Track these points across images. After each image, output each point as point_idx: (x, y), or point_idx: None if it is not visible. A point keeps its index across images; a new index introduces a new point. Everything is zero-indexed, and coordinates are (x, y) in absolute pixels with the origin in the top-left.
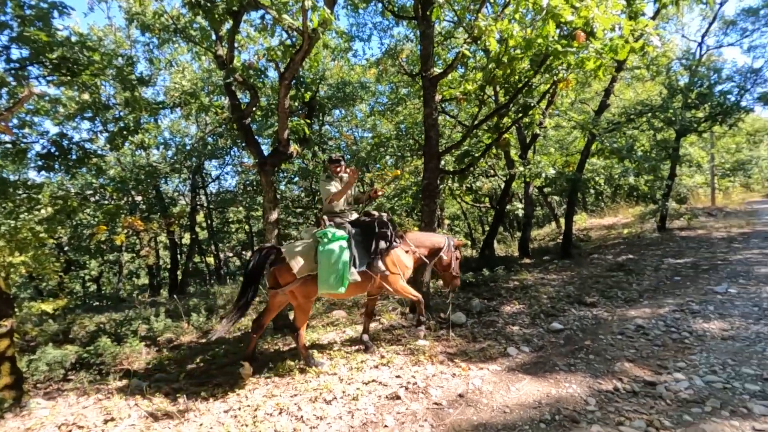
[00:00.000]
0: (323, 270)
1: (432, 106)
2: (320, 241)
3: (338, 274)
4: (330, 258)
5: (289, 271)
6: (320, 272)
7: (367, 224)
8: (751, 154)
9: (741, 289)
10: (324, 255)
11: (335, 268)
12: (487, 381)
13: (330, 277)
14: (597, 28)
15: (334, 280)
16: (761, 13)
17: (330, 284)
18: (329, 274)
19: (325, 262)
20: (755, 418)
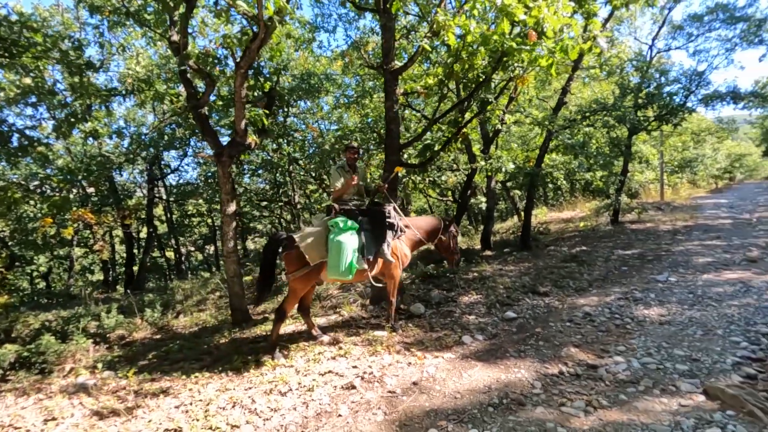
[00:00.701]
0: (333, 257)
1: (393, 99)
2: (331, 230)
3: (348, 262)
4: (341, 247)
5: (300, 258)
6: (330, 259)
7: (375, 214)
8: (697, 152)
9: (680, 277)
10: (335, 243)
11: (345, 257)
12: (441, 369)
13: (340, 265)
14: (547, 28)
15: (344, 267)
16: (705, 19)
17: (340, 271)
18: (340, 262)
19: (335, 250)
20: (682, 395)
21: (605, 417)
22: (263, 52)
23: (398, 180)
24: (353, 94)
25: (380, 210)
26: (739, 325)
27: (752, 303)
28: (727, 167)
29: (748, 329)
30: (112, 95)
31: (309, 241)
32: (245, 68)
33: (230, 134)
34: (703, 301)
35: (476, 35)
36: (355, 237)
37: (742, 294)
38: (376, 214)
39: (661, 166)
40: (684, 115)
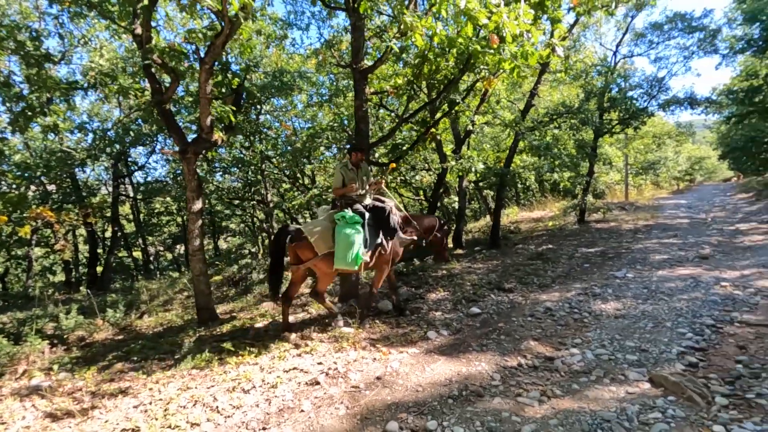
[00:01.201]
0: (340, 249)
1: (362, 99)
2: (338, 223)
3: (355, 253)
4: (347, 239)
5: (310, 249)
6: (338, 250)
7: (378, 210)
8: (659, 155)
9: (637, 273)
10: (341, 236)
11: (351, 248)
12: (405, 363)
13: (346, 256)
14: (506, 34)
15: (350, 258)
16: (665, 28)
17: (347, 262)
18: (346, 253)
19: (342, 242)
20: (629, 383)
21: (557, 405)
22: (232, 48)
23: None
24: (327, 92)
25: (382, 206)
26: (687, 317)
27: (700, 297)
28: (687, 169)
29: (694, 321)
30: (72, 88)
31: (317, 233)
32: (210, 64)
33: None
34: (656, 296)
35: (443, 37)
36: (360, 229)
37: (692, 289)
38: (377, 209)
39: (626, 167)
40: (645, 119)
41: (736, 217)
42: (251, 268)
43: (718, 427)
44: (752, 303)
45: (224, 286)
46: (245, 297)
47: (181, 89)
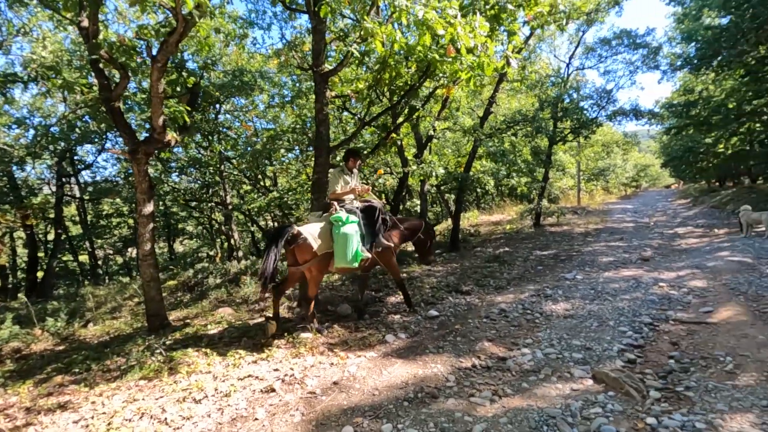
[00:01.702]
0: (340, 248)
1: (323, 102)
2: (335, 224)
3: (354, 251)
4: (346, 239)
5: (309, 250)
6: (337, 250)
7: (369, 209)
8: (609, 162)
9: (586, 275)
10: (341, 236)
11: (351, 247)
12: (362, 367)
13: (347, 255)
14: (461, 46)
15: (350, 256)
16: (613, 43)
17: (348, 260)
18: (347, 252)
19: (341, 242)
20: (574, 381)
21: (508, 404)
22: (189, 46)
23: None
24: (289, 93)
25: (373, 206)
26: (628, 316)
27: (640, 297)
28: (634, 176)
29: (634, 320)
30: (10, 81)
31: (315, 234)
32: (163, 62)
33: (149, 130)
34: (601, 296)
35: (402, 45)
36: (357, 229)
37: (633, 289)
38: (370, 209)
39: (578, 174)
40: (595, 128)
41: (675, 221)
42: (208, 273)
43: (651, 419)
44: (685, 302)
45: (179, 292)
46: (200, 303)
47: (133, 86)
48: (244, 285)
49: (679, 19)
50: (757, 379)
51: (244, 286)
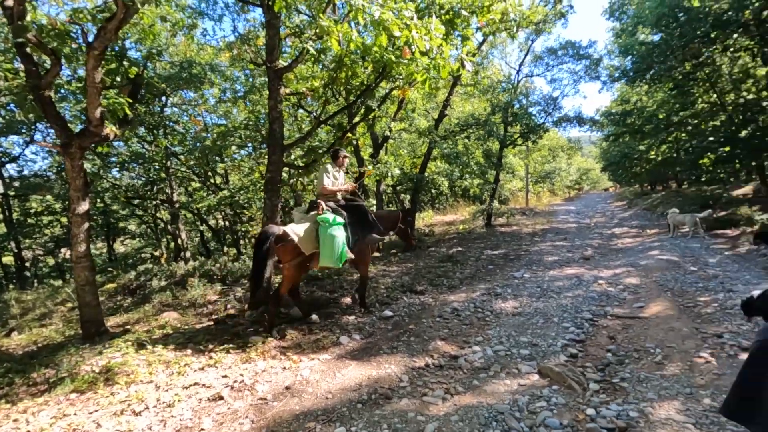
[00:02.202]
0: (326, 249)
1: (276, 99)
2: (321, 225)
3: (339, 252)
4: (333, 239)
5: (295, 249)
6: (323, 251)
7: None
8: (554, 166)
9: (533, 274)
10: (327, 237)
11: (337, 248)
12: (315, 370)
13: (333, 254)
14: (416, 49)
15: (336, 256)
16: (559, 53)
17: (333, 260)
18: (333, 252)
19: (328, 243)
20: (522, 376)
21: (459, 402)
22: (131, 33)
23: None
24: (242, 88)
25: (359, 205)
26: (570, 313)
27: (581, 294)
28: (577, 179)
29: (576, 316)
30: None
31: (302, 234)
32: (100, 50)
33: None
34: (547, 294)
35: (359, 44)
36: (342, 230)
37: (576, 287)
38: (356, 208)
39: (527, 176)
40: (542, 133)
41: (612, 222)
42: (152, 274)
43: (590, 410)
44: (621, 298)
45: (118, 295)
46: (143, 307)
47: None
48: (192, 287)
49: (618, 34)
50: (681, 369)
51: (192, 288)
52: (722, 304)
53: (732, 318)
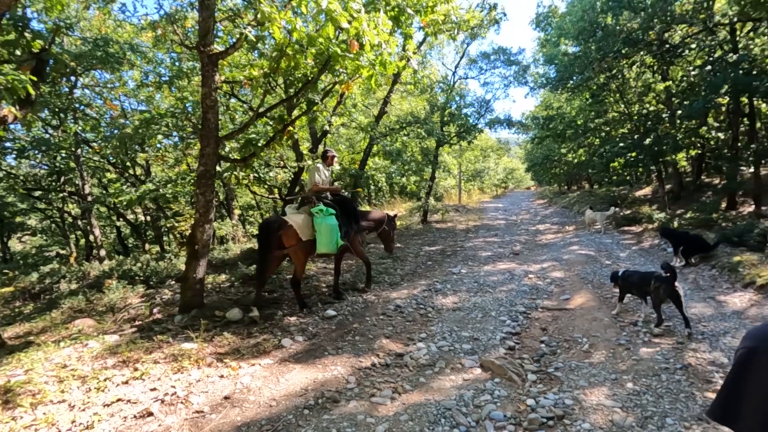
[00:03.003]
0: (322, 237)
1: (210, 86)
2: (315, 215)
3: (334, 239)
4: (328, 228)
5: (295, 236)
6: (319, 238)
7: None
8: (484, 165)
9: (469, 269)
10: (323, 226)
11: (332, 236)
12: (257, 377)
13: (328, 242)
14: (366, 42)
15: (332, 243)
16: (491, 58)
17: (328, 247)
18: (328, 240)
19: (324, 231)
20: (465, 371)
21: (407, 400)
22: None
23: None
24: (167, 72)
25: (348, 199)
26: (506, 306)
27: (515, 288)
28: (503, 178)
29: (511, 309)
30: None
31: (299, 223)
32: None
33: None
34: (483, 289)
35: (302, 34)
36: (335, 220)
37: (508, 281)
38: (345, 201)
39: (460, 174)
40: (476, 134)
41: (536, 219)
42: (59, 276)
43: (530, 400)
44: (549, 291)
45: (16, 301)
46: (49, 314)
47: None
48: (110, 290)
49: (543, 44)
50: (606, 356)
51: (110, 291)
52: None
53: (643, 307)
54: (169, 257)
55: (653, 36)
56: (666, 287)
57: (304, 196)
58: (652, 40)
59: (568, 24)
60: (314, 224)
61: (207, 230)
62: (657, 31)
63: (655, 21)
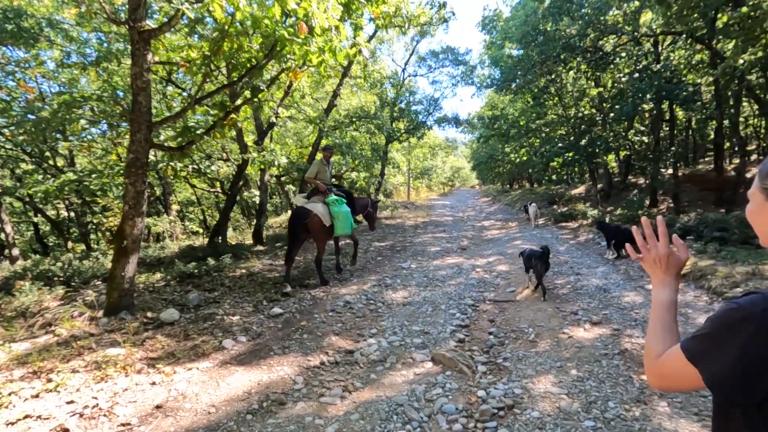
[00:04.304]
0: (340, 222)
1: (142, 66)
2: (332, 204)
3: (349, 223)
4: (345, 214)
5: (319, 223)
6: (337, 224)
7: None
8: (432, 163)
9: (419, 264)
10: (339, 213)
11: (347, 221)
12: (194, 382)
13: (346, 226)
14: (315, 24)
15: (347, 227)
16: (440, 57)
17: (345, 230)
18: (345, 223)
19: (341, 217)
20: (417, 365)
21: (358, 398)
22: None
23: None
24: (93, 52)
25: (346, 190)
26: (455, 300)
27: (463, 281)
28: (451, 176)
29: (460, 303)
30: None
31: (321, 212)
32: None
33: None
34: (433, 283)
35: (247, 14)
36: (346, 206)
37: (457, 275)
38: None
39: (408, 171)
40: (425, 131)
41: (482, 215)
42: None
43: (481, 392)
44: (495, 284)
45: None
46: None
47: None
48: (22, 293)
49: (488, 46)
50: (550, 345)
51: (22, 293)
52: (574, 286)
53: (582, 297)
54: (96, 256)
55: (588, 43)
56: (540, 263)
57: (314, 189)
58: (587, 47)
59: (512, 28)
60: (331, 212)
61: (138, 224)
62: (592, 38)
63: (590, 30)
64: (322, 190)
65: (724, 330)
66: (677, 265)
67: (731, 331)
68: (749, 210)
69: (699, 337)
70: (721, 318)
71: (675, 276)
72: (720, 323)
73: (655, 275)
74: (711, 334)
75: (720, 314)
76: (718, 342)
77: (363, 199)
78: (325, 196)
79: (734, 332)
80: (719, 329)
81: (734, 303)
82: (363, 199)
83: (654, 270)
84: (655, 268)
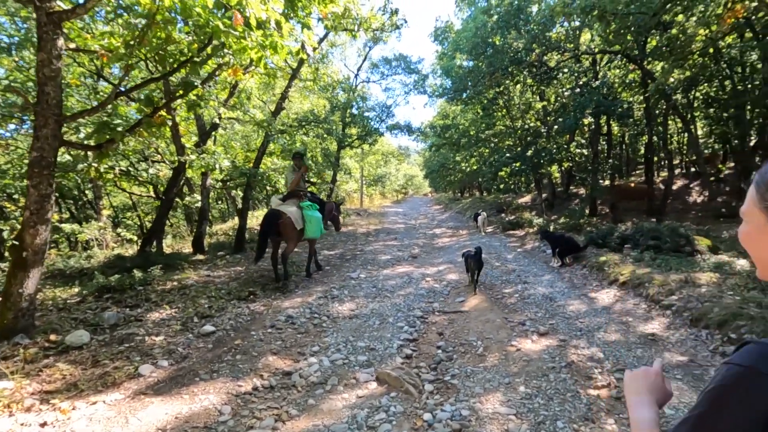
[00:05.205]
0: (311, 225)
1: (51, 53)
2: (306, 208)
3: (319, 227)
4: (317, 219)
5: (291, 225)
6: (308, 227)
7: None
8: (385, 170)
9: (368, 273)
10: (312, 217)
11: (318, 225)
12: (97, 419)
13: (316, 229)
14: (250, 15)
15: (318, 230)
16: (393, 64)
17: (315, 233)
18: (316, 228)
19: (313, 220)
20: (360, 386)
21: (293, 429)
22: None
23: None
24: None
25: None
26: (404, 311)
27: (412, 291)
28: (404, 184)
29: (408, 314)
30: None
31: (294, 215)
32: None
33: None
34: (382, 294)
35: (175, 0)
36: (318, 212)
37: (407, 284)
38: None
39: (361, 178)
40: (377, 138)
41: (433, 223)
42: None
43: (427, 414)
44: (445, 293)
45: None
46: None
47: None
48: None
49: (440, 56)
50: (498, 359)
51: None
52: (521, 294)
53: (529, 306)
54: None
55: (534, 57)
56: (474, 261)
57: (290, 192)
58: (533, 61)
59: (463, 40)
60: (304, 216)
61: (41, 232)
62: (537, 53)
63: (535, 45)
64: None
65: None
66: (663, 394)
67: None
68: (744, 232)
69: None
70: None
71: (656, 402)
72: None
73: (637, 392)
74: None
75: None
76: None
77: (329, 204)
78: (301, 200)
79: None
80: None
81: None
82: (329, 204)
83: (638, 384)
84: (640, 381)
